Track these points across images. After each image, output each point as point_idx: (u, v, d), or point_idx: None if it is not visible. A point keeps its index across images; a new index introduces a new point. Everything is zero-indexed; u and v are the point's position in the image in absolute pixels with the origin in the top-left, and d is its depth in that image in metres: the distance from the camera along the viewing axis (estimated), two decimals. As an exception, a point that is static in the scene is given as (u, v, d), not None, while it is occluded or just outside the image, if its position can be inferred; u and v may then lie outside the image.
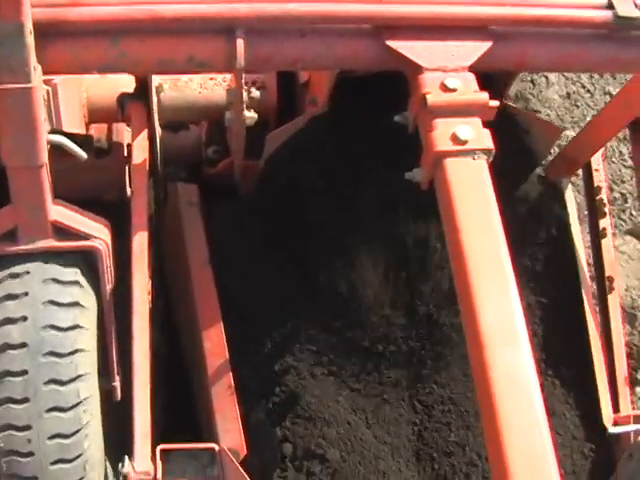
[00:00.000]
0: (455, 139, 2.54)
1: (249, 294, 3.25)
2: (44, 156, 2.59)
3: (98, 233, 2.83)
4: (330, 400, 3.18)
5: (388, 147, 3.07)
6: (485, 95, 2.65)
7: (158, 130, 3.46)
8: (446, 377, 3.28)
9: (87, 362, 2.74)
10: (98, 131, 3.59)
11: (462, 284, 2.39)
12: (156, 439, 2.87)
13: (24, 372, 2.64)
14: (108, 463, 3.00)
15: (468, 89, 2.65)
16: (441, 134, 2.56)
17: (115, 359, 3.12)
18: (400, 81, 2.79)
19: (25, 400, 2.63)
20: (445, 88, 2.63)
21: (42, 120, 2.52)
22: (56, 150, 2.75)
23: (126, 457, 2.82)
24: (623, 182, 4.88)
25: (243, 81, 2.92)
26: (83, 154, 2.86)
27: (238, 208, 3.42)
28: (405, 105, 2.76)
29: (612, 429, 3.27)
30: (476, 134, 2.57)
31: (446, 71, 2.67)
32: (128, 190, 3.69)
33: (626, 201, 4.83)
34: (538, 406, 2.18)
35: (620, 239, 4.76)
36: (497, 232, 2.45)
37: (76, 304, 2.76)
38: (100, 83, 3.43)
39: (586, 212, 3.84)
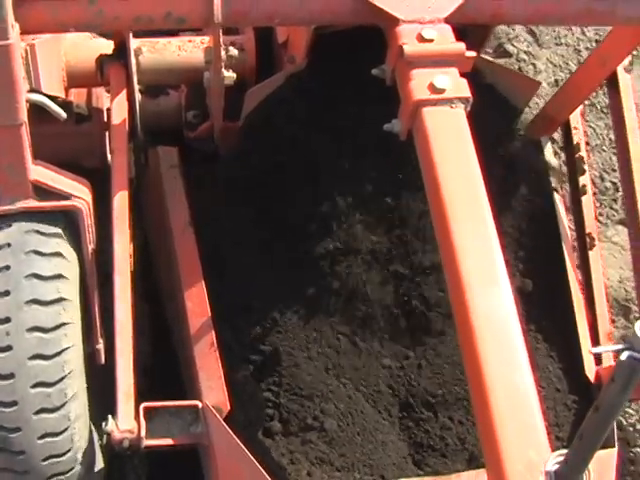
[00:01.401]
0: (432, 88, 2.56)
1: (230, 254, 3.24)
2: (23, 115, 2.59)
3: (79, 193, 2.84)
4: (321, 372, 3.16)
5: (365, 100, 3.07)
6: (462, 45, 2.67)
7: (137, 95, 3.45)
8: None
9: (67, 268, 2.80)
10: (78, 97, 3.58)
11: (442, 230, 2.41)
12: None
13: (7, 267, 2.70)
14: (92, 426, 3.01)
15: (445, 40, 2.67)
16: (418, 84, 2.58)
17: (98, 322, 3.13)
18: (376, 35, 2.81)
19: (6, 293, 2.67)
20: (422, 39, 2.65)
21: (21, 78, 2.53)
22: (36, 116, 2.75)
23: (109, 416, 2.83)
24: (614, 171, 4.71)
25: (221, 39, 2.93)
26: (62, 113, 2.87)
27: (218, 167, 3.43)
28: (382, 59, 2.78)
29: (593, 349, 3.30)
30: (453, 83, 2.59)
31: (423, 23, 2.69)
32: (109, 156, 3.69)
33: (618, 190, 4.70)
34: (519, 345, 2.21)
35: (612, 229, 4.66)
36: (476, 178, 2.47)
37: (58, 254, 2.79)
38: (79, 47, 3.42)
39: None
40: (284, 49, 3.41)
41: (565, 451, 1.89)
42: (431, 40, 2.65)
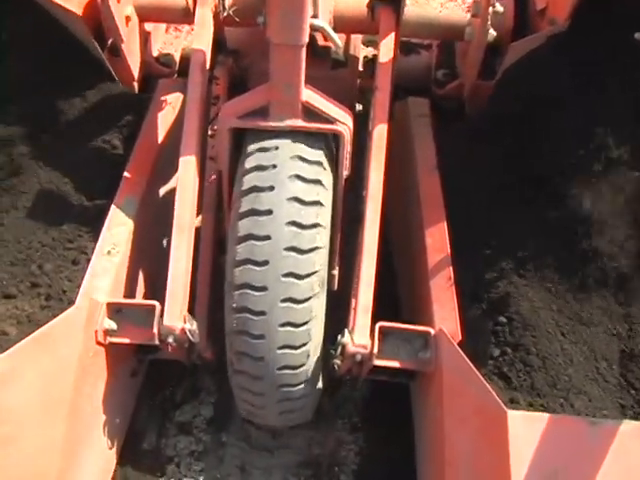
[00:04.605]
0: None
1: (475, 203, 3.34)
2: (306, 37, 2.77)
3: (343, 119, 3.02)
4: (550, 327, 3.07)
5: (627, 63, 3.12)
6: None
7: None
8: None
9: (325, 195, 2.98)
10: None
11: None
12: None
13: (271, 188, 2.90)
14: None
15: None
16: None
17: (337, 249, 3.30)
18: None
19: (269, 212, 2.88)
20: (689, 2, 2.73)
21: (309, 2, 2.70)
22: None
23: (346, 330, 2.99)
24: None
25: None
26: (338, 41, 3.04)
27: (468, 118, 3.55)
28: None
29: None
30: None
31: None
32: (357, 105, 3.87)
33: None
34: None
35: None
36: None
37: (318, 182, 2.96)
38: (348, -6, 3.61)
39: None
40: (541, 15, 3.50)
41: None
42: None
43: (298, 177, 2.92)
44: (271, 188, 2.90)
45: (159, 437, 3.70)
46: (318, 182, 2.96)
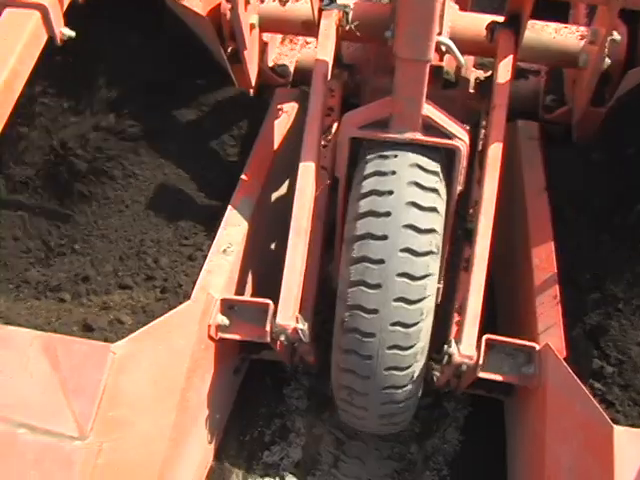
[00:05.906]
0: None
1: (580, 228, 3.40)
2: (432, 53, 2.85)
3: (461, 135, 3.10)
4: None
5: None
6: None
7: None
8: None
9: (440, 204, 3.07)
10: (448, 64, 3.83)
11: None
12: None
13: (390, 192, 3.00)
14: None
15: None
16: None
17: (444, 263, 3.36)
18: None
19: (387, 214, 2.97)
20: None
21: (437, 19, 2.78)
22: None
23: (452, 340, 3.05)
24: None
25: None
26: (462, 59, 3.12)
27: (580, 144, 3.61)
28: None
29: None
30: None
31: None
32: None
33: None
34: None
35: None
36: None
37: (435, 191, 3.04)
38: (464, 17, 3.68)
39: None
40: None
41: None
42: None
43: (417, 165, 3.04)
44: (390, 192, 3.00)
45: (245, 476, 3.72)
46: (435, 173, 3.07)
